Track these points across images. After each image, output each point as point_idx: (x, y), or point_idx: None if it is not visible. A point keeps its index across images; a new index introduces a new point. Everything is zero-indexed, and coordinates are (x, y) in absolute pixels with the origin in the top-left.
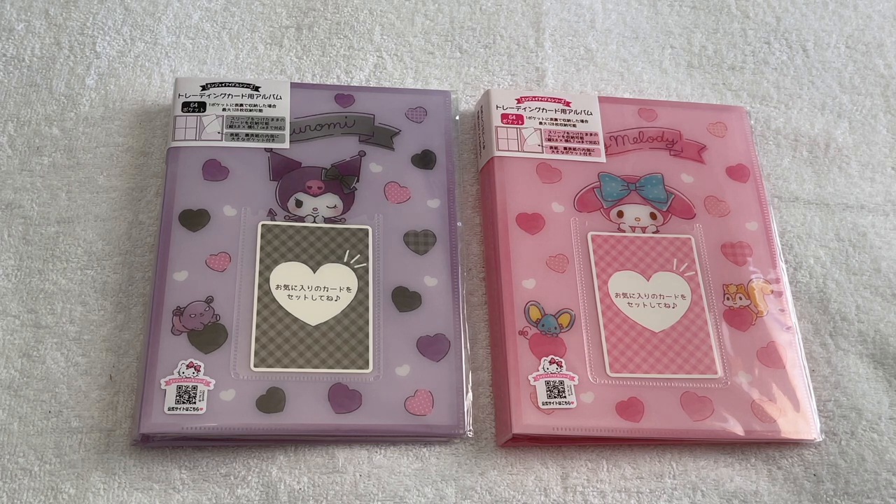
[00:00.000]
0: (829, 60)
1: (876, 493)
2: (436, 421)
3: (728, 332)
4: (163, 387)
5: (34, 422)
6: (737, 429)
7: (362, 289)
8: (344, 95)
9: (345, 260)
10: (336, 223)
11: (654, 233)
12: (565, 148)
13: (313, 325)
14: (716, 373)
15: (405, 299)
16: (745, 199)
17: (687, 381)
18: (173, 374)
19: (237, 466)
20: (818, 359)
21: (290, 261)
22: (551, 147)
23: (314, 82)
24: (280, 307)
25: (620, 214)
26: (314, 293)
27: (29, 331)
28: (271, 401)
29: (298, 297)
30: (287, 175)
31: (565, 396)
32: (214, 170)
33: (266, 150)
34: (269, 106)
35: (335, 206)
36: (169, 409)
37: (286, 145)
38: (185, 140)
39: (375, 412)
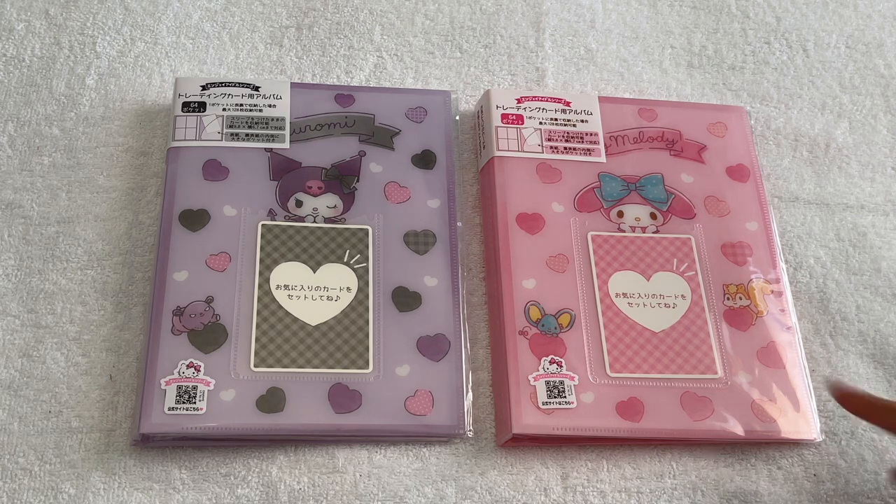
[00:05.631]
0: (829, 60)
1: (876, 493)
2: (436, 421)
3: (728, 332)
4: (163, 387)
5: (34, 422)
6: (737, 429)
7: (362, 289)
8: (344, 95)
9: (345, 260)
10: (336, 223)
11: (654, 233)
12: (565, 148)
13: (313, 325)
14: (716, 373)
15: (405, 299)
16: (745, 199)
17: (687, 381)
18: (173, 374)
19: (237, 466)
20: (818, 359)
21: (290, 261)
22: (551, 147)
23: (314, 82)
24: (280, 307)
25: (620, 214)
26: (314, 293)
27: (29, 331)
28: (271, 401)
29: (298, 297)
30: (287, 175)
31: (565, 396)
32: (214, 170)
33: (266, 150)
34: (269, 106)
35: (335, 206)
36: (169, 409)
37: (286, 145)
38: (185, 140)
39: (375, 412)
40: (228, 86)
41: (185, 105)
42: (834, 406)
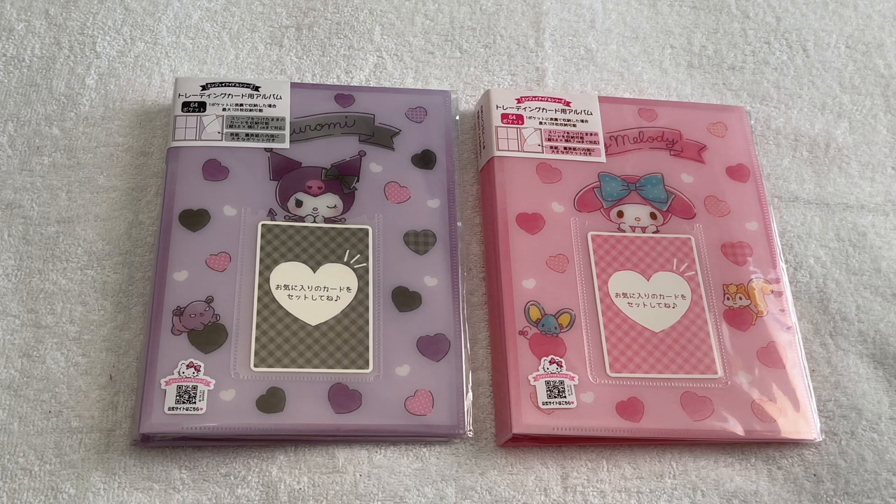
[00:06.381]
0: (829, 60)
1: (876, 493)
2: (436, 421)
3: (728, 332)
4: (163, 387)
5: (34, 422)
6: (737, 429)
7: (362, 289)
8: (344, 95)
9: (345, 260)
10: (336, 223)
11: (654, 233)
12: (565, 148)
13: (313, 324)
14: (716, 373)
15: (405, 299)
16: (745, 199)
17: (687, 381)
18: (173, 374)
19: (237, 466)
20: (818, 359)
21: (290, 261)
22: (551, 147)
23: (314, 82)
24: (280, 307)
25: (620, 214)
26: (314, 293)
27: (29, 331)
28: (271, 401)
29: (298, 297)
30: (287, 175)
31: (565, 396)
32: (214, 170)
33: (266, 149)
34: (269, 106)
35: (335, 206)
36: (169, 409)
37: (286, 145)
38: (185, 140)
39: (375, 412)
40: (228, 86)
41: (185, 105)
42: (834, 406)
